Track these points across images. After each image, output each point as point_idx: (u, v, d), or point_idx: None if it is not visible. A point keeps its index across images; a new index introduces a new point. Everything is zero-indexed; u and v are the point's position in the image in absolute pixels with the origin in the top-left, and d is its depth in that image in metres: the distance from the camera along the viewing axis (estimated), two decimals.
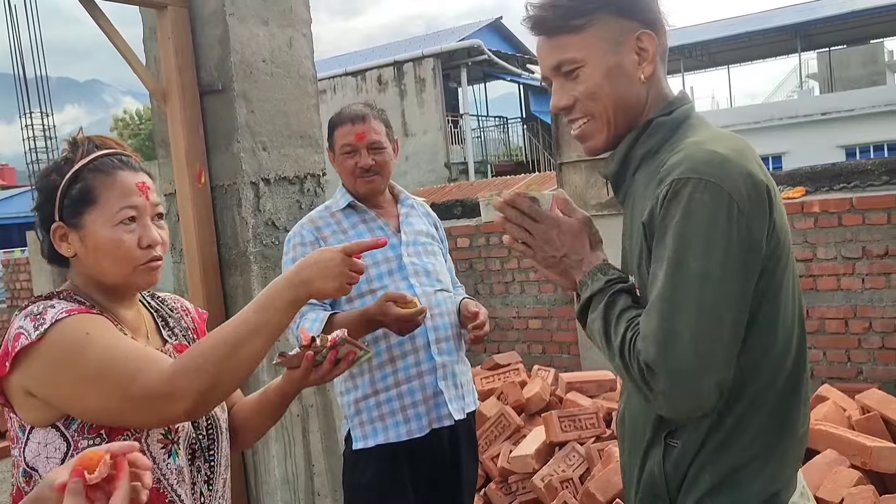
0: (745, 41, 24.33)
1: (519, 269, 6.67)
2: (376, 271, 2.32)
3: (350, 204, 2.39)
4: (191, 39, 2.95)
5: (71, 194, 1.36)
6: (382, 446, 2.30)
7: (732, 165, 1.16)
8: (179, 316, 1.57)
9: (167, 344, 1.48)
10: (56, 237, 1.38)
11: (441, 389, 2.33)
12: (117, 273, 1.37)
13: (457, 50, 19.05)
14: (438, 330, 2.35)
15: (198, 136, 2.94)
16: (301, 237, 2.35)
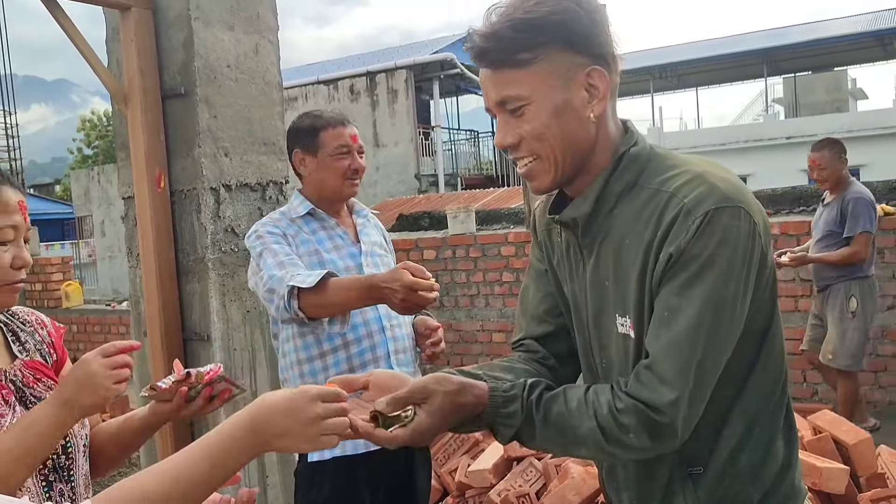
0: (714, 64, 24.75)
1: (484, 283, 6.68)
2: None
3: (309, 211, 2.35)
4: (154, 42, 2.91)
5: None
6: (339, 459, 2.26)
7: (749, 193, 1.20)
8: (33, 329, 1.50)
9: (16, 360, 1.41)
10: None
11: None
12: None
13: (430, 62, 19.10)
14: (397, 341, 2.33)
15: (158, 140, 2.91)
16: (268, 227, 2.27)
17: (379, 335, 2.29)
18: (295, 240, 2.28)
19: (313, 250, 2.29)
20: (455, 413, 1.22)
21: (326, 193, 2.36)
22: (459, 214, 7.08)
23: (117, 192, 11.97)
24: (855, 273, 4.47)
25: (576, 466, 3.41)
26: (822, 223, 4.59)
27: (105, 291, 17.60)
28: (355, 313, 2.24)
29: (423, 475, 2.48)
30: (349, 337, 2.25)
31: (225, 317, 2.95)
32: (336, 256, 2.30)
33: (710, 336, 1.14)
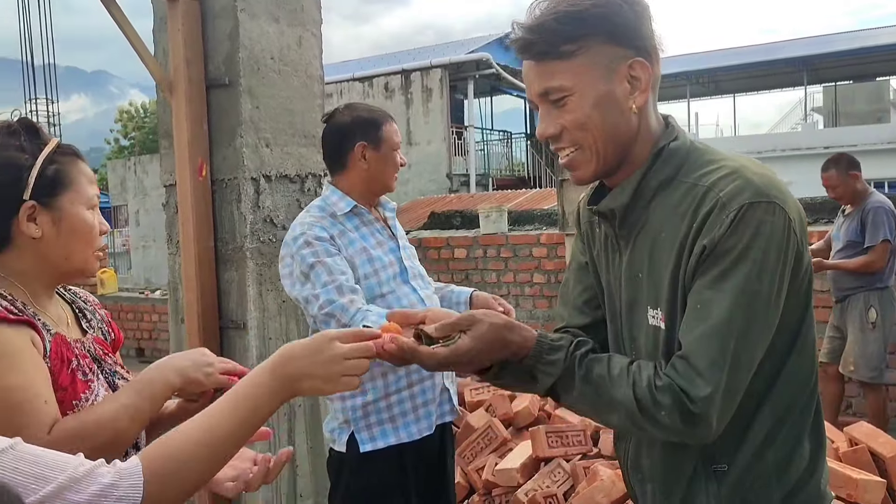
0: (752, 71, 24.45)
1: (514, 283, 6.67)
2: (385, 275, 2.30)
3: (352, 208, 2.33)
4: (200, 32, 2.95)
5: (47, 174, 1.34)
6: (391, 447, 2.30)
7: (786, 189, 1.21)
8: (94, 308, 1.57)
9: (87, 335, 1.47)
10: (24, 217, 1.33)
11: (447, 387, 2.39)
12: (81, 255, 1.39)
13: (465, 62, 19.10)
14: None
15: (202, 129, 2.94)
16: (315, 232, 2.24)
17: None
18: (342, 240, 2.27)
19: (361, 248, 2.28)
20: (499, 347, 1.24)
21: (376, 187, 2.37)
22: (492, 214, 7.07)
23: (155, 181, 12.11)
24: (874, 283, 4.46)
25: (605, 469, 3.39)
26: (843, 233, 4.59)
27: (137, 280, 17.86)
28: (405, 307, 2.28)
29: (451, 461, 2.56)
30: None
31: (261, 305, 2.98)
32: (381, 252, 2.33)
33: (744, 329, 1.15)
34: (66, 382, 1.32)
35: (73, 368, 1.34)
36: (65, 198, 1.36)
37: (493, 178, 20.66)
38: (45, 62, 9.78)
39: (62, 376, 1.32)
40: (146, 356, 8.85)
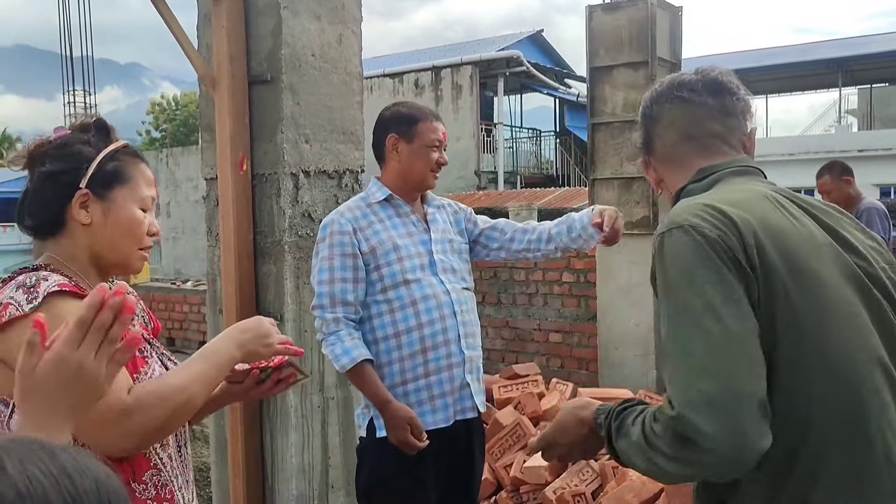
0: (786, 72, 24.14)
1: (543, 282, 6.68)
2: (410, 264, 2.39)
3: (387, 197, 2.47)
4: (244, 29, 3.00)
5: (106, 169, 1.44)
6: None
7: (710, 212, 1.24)
8: (135, 298, 1.62)
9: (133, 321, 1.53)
10: (77, 203, 1.43)
11: (468, 382, 2.42)
12: (125, 249, 1.46)
13: (495, 59, 19.10)
14: (467, 325, 2.44)
15: (243, 124, 2.99)
16: (340, 225, 2.42)
17: (451, 318, 2.40)
18: (366, 231, 2.41)
19: (387, 238, 2.41)
20: (574, 424, 1.41)
21: (411, 181, 2.46)
22: (521, 212, 7.09)
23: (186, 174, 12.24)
24: None
25: None
26: None
27: (167, 271, 18.08)
28: (428, 296, 2.35)
29: (480, 459, 2.58)
30: (423, 319, 2.37)
31: (298, 299, 3.03)
32: (409, 242, 2.44)
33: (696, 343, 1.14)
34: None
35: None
36: (119, 192, 1.45)
37: (521, 175, 20.64)
38: (83, 54, 9.94)
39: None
40: (176, 346, 8.97)
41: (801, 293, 1.20)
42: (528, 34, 22.44)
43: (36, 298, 1.29)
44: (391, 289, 2.37)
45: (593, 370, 6.31)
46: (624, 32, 5.99)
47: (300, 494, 3.05)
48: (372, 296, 2.39)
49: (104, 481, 0.62)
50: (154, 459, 1.42)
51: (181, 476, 1.49)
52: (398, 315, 2.37)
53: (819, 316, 1.20)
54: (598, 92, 6.13)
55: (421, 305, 2.36)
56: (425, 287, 2.38)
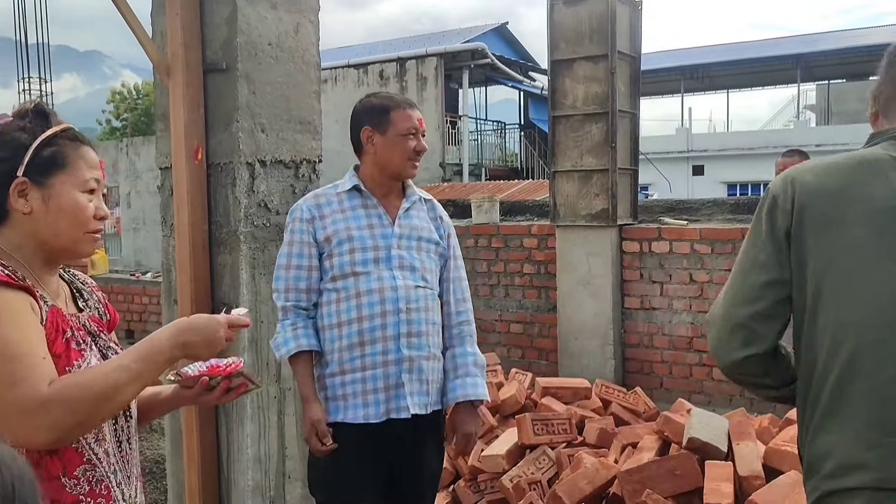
0: (746, 67, 24.51)
1: (505, 273, 6.72)
2: (362, 256, 2.40)
3: (354, 186, 2.47)
4: (199, 17, 2.96)
5: (42, 155, 1.41)
6: (341, 424, 2.38)
7: (792, 172, 1.56)
8: (91, 290, 1.63)
9: (83, 312, 1.53)
10: (15, 192, 1.41)
11: (402, 382, 2.38)
12: (70, 235, 1.44)
13: (461, 51, 19.10)
14: (412, 324, 2.40)
15: (198, 113, 2.96)
16: (301, 212, 2.47)
17: (393, 315, 2.38)
18: (325, 220, 2.44)
19: (343, 228, 2.43)
20: None
21: (389, 171, 2.47)
22: (484, 204, 7.11)
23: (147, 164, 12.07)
24: None
25: (589, 457, 3.46)
26: None
27: (128, 262, 17.80)
28: (372, 290, 2.36)
29: (433, 460, 2.55)
30: (364, 312, 2.37)
31: (254, 289, 3.02)
32: (367, 234, 2.42)
33: (738, 270, 1.56)
34: (60, 350, 1.38)
35: (67, 338, 1.40)
36: (58, 178, 1.42)
37: (486, 168, 20.68)
38: (38, 41, 9.73)
39: (57, 344, 1.38)
40: (135, 338, 8.86)
41: (834, 243, 1.45)
42: (493, 26, 22.47)
43: None
44: (340, 279, 2.40)
45: (553, 360, 6.37)
46: (585, 26, 6.04)
47: (256, 485, 3.04)
48: (324, 283, 2.43)
49: (8, 463, 0.62)
50: (87, 454, 1.40)
51: (121, 472, 1.47)
52: (342, 305, 2.39)
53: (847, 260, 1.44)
54: (558, 85, 6.17)
55: (364, 298, 2.37)
56: (373, 281, 2.38)
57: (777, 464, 3.08)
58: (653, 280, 5.97)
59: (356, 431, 2.36)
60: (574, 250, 6.09)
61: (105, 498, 1.41)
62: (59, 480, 1.36)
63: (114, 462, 1.45)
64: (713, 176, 23.72)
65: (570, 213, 6.12)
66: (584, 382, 4.58)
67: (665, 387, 5.97)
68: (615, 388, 4.63)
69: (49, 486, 1.35)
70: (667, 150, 22.91)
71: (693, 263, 5.81)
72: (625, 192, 6.14)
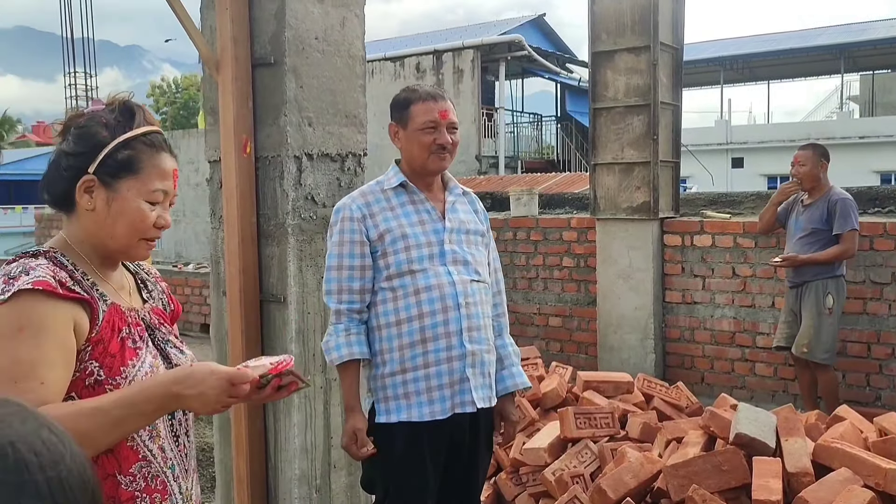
0: (788, 58, 24.06)
1: (544, 266, 6.70)
2: (418, 254, 2.38)
3: (402, 183, 2.45)
4: (247, 12, 3.00)
5: (117, 157, 1.42)
6: (405, 423, 2.36)
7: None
8: (155, 281, 1.66)
9: (146, 304, 1.56)
10: (82, 188, 1.43)
11: (468, 376, 2.39)
12: (125, 240, 1.45)
13: (497, 43, 19.01)
14: (471, 318, 2.40)
15: (247, 107, 3.00)
16: (350, 211, 2.43)
17: (453, 311, 2.37)
18: (375, 219, 2.41)
19: (396, 225, 2.40)
20: None
21: (415, 167, 2.45)
22: (522, 197, 7.09)
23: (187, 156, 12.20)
24: (832, 272, 4.79)
25: (633, 451, 3.44)
26: (805, 221, 4.89)
27: (168, 254, 18.08)
28: (431, 287, 2.35)
29: (485, 451, 2.57)
30: (424, 309, 2.35)
31: (301, 281, 3.05)
32: (419, 231, 2.40)
33: None
34: (116, 350, 1.40)
35: (123, 337, 1.42)
36: (126, 183, 1.43)
37: (522, 160, 20.60)
38: (83, 35, 9.91)
39: (112, 344, 1.40)
40: (179, 328, 9.00)
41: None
42: (530, 18, 22.34)
43: (8, 291, 1.29)
44: (396, 277, 2.37)
45: (592, 354, 6.35)
46: (626, 17, 5.98)
47: (302, 474, 3.09)
48: (378, 282, 2.40)
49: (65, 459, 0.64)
50: (143, 452, 1.42)
51: (178, 466, 1.49)
52: (400, 303, 2.37)
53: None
54: (599, 77, 6.13)
55: (423, 295, 2.35)
56: (430, 277, 2.37)
57: (827, 461, 3.04)
58: (695, 274, 5.91)
59: (418, 429, 2.36)
60: (614, 243, 6.06)
61: (160, 493, 1.43)
62: (114, 478, 1.38)
63: (171, 457, 1.47)
64: (753, 168, 23.36)
65: (610, 205, 6.08)
66: (625, 376, 4.56)
67: (706, 382, 5.92)
68: (657, 383, 4.60)
69: (105, 483, 1.38)
70: (706, 142, 22.61)
71: (736, 257, 5.74)
72: (666, 184, 6.08)
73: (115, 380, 1.38)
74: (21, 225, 20.40)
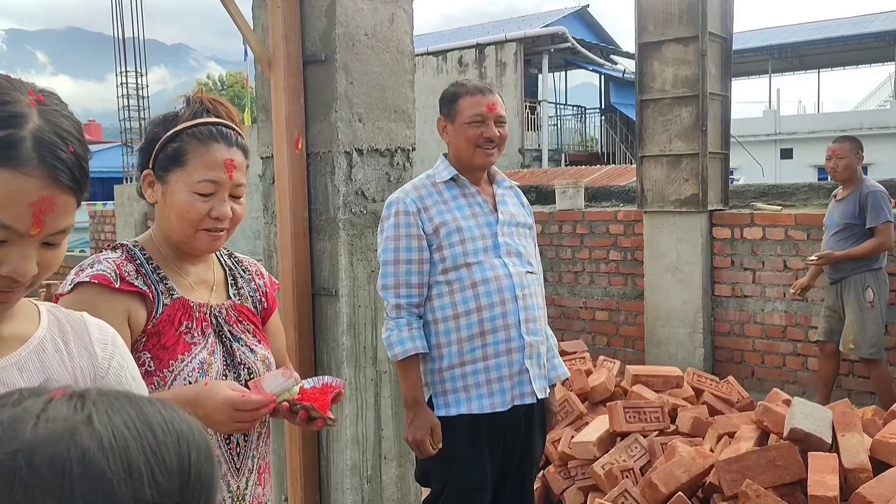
0: (839, 45, 23.46)
1: (590, 260, 6.66)
2: (473, 246, 2.39)
3: (453, 177, 2.47)
4: (298, 9, 3.04)
5: (166, 150, 1.47)
6: (464, 416, 2.37)
7: None
8: (250, 277, 1.67)
9: (229, 300, 1.58)
10: (145, 182, 1.51)
11: (527, 368, 2.40)
12: (181, 232, 1.48)
13: (540, 36, 18.90)
14: (528, 310, 2.41)
15: (298, 103, 3.04)
16: (405, 205, 2.44)
17: (511, 303, 2.37)
18: (430, 212, 2.41)
19: (451, 218, 2.41)
20: None
21: (462, 161, 2.46)
22: (568, 190, 7.06)
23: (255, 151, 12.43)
24: (870, 265, 4.73)
25: (684, 445, 3.42)
26: (838, 217, 4.83)
27: None
28: (488, 279, 2.35)
29: (540, 444, 2.58)
30: (482, 302, 2.36)
31: (352, 274, 3.09)
32: (473, 224, 2.41)
33: None
34: (170, 343, 1.45)
35: (181, 331, 1.46)
36: (174, 175, 1.47)
37: (565, 153, 20.47)
38: (133, 35, 10.12)
39: (167, 337, 1.45)
40: None
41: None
42: (574, 10, 22.16)
43: (71, 283, 1.39)
44: (452, 270, 2.38)
45: (640, 348, 6.30)
46: (674, 6, 5.91)
47: (354, 464, 3.13)
48: (433, 276, 2.41)
49: (186, 435, 0.63)
50: None
51: (226, 464, 1.50)
52: (458, 297, 2.37)
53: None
54: (646, 68, 6.07)
55: (481, 288, 2.35)
56: (487, 270, 2.37)
57: (885, 457, 2.98)
58: (744, 267, 5.83)
59: (476, 422, 2.37)
60: (662, 236, 6.00)
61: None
62: None
63: (217, 454, 1.48)
64: (802, 159, 22.87)
65: (658, 198, 6.02)
66: (675, 370, 4.52)
67: (757, 376, 5.84)
68: (707, 377, 4.56)
69: None
70: (754, 133, 22.19)
71: (787, 250, 5.64)
72: (715, 176, 6.00)
73: (163, 372, 1.43)
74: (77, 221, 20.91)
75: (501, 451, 2.43)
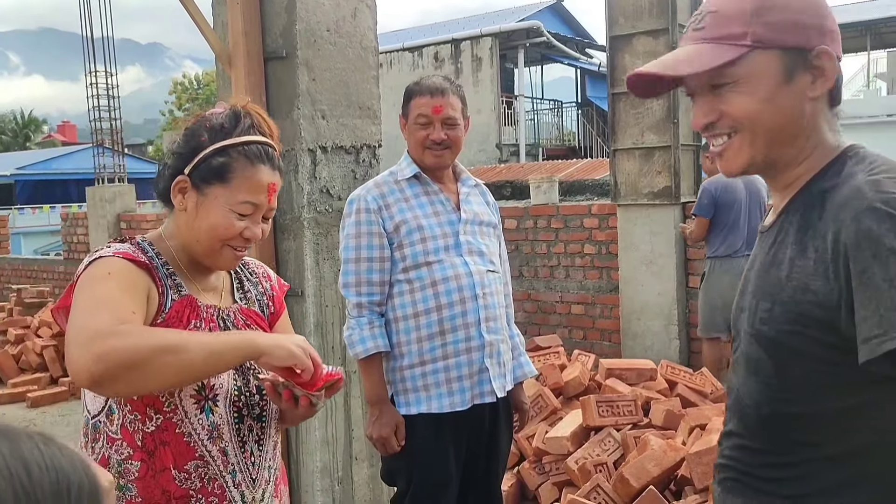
0: None
1: (565, 254, 6.66)
2: (433, 245, 2.36)
3: (416, 174, 2.43)
4: (258, 6, 2.99)
5: (211, 163, 1.43)
6: (425, 415, 2.35)
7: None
8: (258, 280, 1.64)
9: (235, 303, 1.55)
10: (176, 187, 1.46)
11: (487, 367, 2.38)
12: (208, 245, 1.45)
13: (516, 30, 18.91)
14: (489, 308, 2.39)
15: (260, 101, 2.99)
16: (366, 202, 2.40)
17: (471, 301, 2.36)
18: (391, 210, 2.38)
19: (412, 217, 2.38)
20: None
21: (415, 159, 2.43)
22: (542, 184, 7.05)
23: None
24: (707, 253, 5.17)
25: (656, 439, 3.41)
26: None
27: None
28: (448, 278, 2.33)
29: (506, 439, 2.56)
30: (442, 301, 2.34)
31: (318, 274, 3.05)
32: (434, 222, 2.38)
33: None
34: None
35: (189, 329, 1.43)
36: (214, 189, 1.43)
37: (543, 147, 20.51)
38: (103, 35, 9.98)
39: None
40: None
41: None
42: (548, 4, 22.17)
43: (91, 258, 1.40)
44: (412, 269, 2.35)
45: (616, 341, 6.31)
46: (644, 0, 5.90)
47: (324, 466, 3.10)
48: (394, 274, 2.38)
49: (68, 473, 0.58)
50: (200, 451, 1.41)
51: (241, 473, 1.45)
52: (418, 295, 2.34)
53: None
54: (618, 61, 6.06)
55: (441, 287, 2.33)
56: (447, 268, 2.35)
57: None
58: None
59: (437, 420, 2.35)
60: (636, 229, 6.00)
61: (218, 497, 1.41)
62: (169, 472, 1.38)
63: (233, 462, 1.44)
64: None
65: (631, 191, 6.02)
66: (648, 363, 4.52)
67: None
68: (681, 369, 4.56)
69: (161, 476, 1.38)
70: None
71: None
72: (688, 168, 6.01)
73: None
74: (49, 224, 20.66)
75: (466, 449, 2.42)
